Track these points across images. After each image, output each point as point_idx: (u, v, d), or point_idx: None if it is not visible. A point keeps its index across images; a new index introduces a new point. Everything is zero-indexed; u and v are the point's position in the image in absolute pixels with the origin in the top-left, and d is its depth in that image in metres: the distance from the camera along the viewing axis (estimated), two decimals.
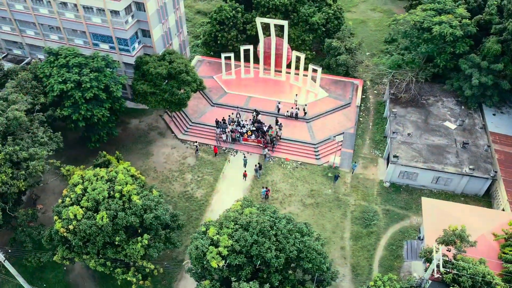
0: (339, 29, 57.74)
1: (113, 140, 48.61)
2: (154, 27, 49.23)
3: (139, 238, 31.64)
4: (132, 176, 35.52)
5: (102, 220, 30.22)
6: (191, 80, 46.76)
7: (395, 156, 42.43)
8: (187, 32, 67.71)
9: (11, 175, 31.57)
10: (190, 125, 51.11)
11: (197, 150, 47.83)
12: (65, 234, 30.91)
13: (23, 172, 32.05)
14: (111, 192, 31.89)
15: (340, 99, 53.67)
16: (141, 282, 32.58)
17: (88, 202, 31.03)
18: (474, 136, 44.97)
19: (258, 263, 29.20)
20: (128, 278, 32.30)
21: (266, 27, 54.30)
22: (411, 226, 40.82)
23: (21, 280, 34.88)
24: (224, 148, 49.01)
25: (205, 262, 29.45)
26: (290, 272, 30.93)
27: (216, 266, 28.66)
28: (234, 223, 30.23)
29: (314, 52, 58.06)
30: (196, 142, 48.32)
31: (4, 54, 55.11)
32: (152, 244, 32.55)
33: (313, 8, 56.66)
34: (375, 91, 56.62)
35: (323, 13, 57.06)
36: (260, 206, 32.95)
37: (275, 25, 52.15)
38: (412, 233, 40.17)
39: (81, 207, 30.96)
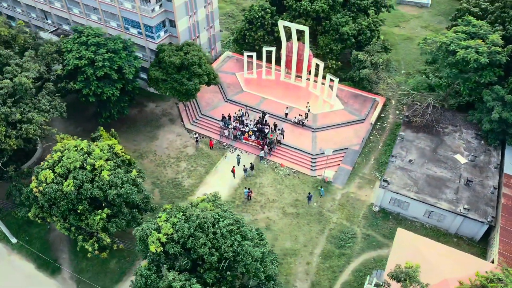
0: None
1: (125, 119, 51.63)
2: (180, 18, 51.22)
3: (100, 211, 33.59)
4: (115, 153, 37.68)
5: (67, 187, 32.59)
6: (202, 73, 48.07)
7: (385, 181, 40.12)
8: (227, 28, 69.54)
9: (4, 133, 35.15)
10: (199, 117, 52.55)
11: (197, 141, 49.12)
12: (37, 194, 33.75)
13: (15, 132, 35.58)
14: (85, 163, 34.17)
15: (355, 113, 51.69)
16: (96, 252, 34.60)
17: (61, 169, 33.60)
18: (484, 175, 40.93)
19: (195, 256, 29.72)
20: (86, 246, 34.46)
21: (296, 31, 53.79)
22: (387, 256, 38.24)
23: (4, 229, 38.75)
24: (225, 143, 49.74)
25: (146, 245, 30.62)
26: (228, 273, 30.87)
27: (154, 250, 29.60)
28: (182, 213, 30.95)
29: (339, 63, 56.35)
30: (196, 133, 49.65)
31: (55, 28, 60.76)
32: (112, 220, 34.36)
33: (347, 18, 55.02)
34: (397, 111, 53.66)
35: (356, 24, 55.15)
36: (220, 203, 33.17)
37: (301, 30, 51.47)
38: (385, 263, 37.69)
39: (54, 172, 33.62)
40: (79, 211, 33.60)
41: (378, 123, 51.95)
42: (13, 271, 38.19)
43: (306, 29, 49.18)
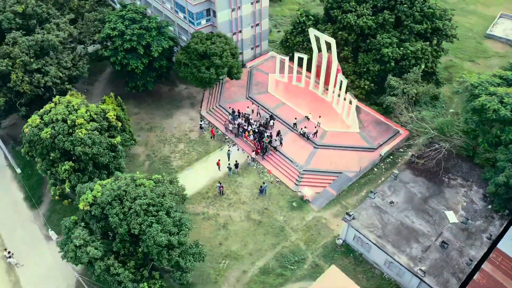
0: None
1: (153, 93, 55.78)
2: (221, 10, 53.05)
3: (66, 162, 37.49)
4: (105, 118, 41.30)
5: (44, 134, 37.01)
6: (222, 64, 49.38)
7: (348, 214, 37.02)
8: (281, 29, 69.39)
9: (21, 78, 41.17)
10: (216, 107, 54.11)
11: (201, 127, 50.85)
12: (26, 134, 38.97)
13: (28, 78, 41.40)
14: (68, 118, 38.28)
15: (368, 141, 48.05)
16: (57, 197, 38.80)
17: (47, 118, 38.21)
18: (470, 243, 35.15)
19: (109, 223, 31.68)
20: (51, 190, 38.83)
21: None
22: None
23: (11, 159, 45.42)
24: (227, 137, 50.59)
25: None
26: (140, 249, 32.12)
27: (82, 208, 32.36)
28: (116, 183, 33.03)
29: (372, 84, 52.51)
30: (202, 120, 51.37)
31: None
32: (77, 173, 37.99)
33: (392, 39, 51.00)
34: (419, 150, 48.32)
35: (402, 48, 50.72)
36: (160, 185, 34.28)
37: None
38: None
39: (42, 119, 38.42)
40: (51, 158, 37.93)
41: (391, 157, 47.57)
42: (6, 194, 44.75)
43: (333, 41, 47.06)
